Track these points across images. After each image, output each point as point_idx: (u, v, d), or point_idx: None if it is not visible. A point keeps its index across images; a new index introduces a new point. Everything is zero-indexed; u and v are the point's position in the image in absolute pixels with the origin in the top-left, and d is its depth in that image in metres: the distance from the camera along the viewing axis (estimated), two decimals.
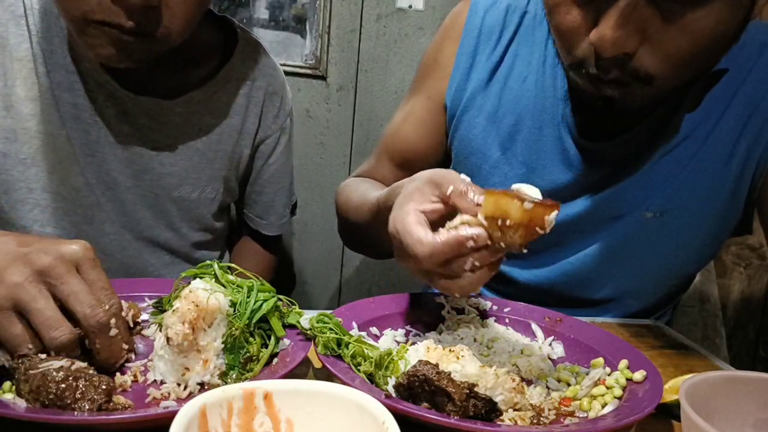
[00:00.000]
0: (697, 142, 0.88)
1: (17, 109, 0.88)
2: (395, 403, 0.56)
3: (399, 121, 1.08)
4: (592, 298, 0.99)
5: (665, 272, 0.98)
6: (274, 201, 1.13)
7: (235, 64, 1.02)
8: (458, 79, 0.99)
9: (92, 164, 0.93)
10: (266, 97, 1.05)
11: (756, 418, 0.54)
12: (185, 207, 1.02)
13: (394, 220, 0.68)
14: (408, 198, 0.69)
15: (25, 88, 0.88)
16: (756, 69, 0.87)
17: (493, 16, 0.98)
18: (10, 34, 0.88)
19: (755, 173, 0.89)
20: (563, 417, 0.65)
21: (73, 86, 0.90)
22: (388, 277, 2.08)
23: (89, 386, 0.54)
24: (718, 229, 0.94)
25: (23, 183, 0.91)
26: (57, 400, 0.53)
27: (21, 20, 0.88)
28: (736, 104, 0.87)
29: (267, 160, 1.10)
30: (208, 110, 0.99)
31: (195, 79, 0.98)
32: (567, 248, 0.96)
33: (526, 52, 0.96)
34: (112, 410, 0.54)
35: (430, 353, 0.69)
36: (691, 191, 0.90)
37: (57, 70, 0.89)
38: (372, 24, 1.92)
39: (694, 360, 0.84)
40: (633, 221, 0.92)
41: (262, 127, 1.06)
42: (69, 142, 0.91)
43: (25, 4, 0.88)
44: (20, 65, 0.88)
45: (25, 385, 0.55)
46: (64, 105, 0.90)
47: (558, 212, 0.60)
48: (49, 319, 0.58)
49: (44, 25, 0.88)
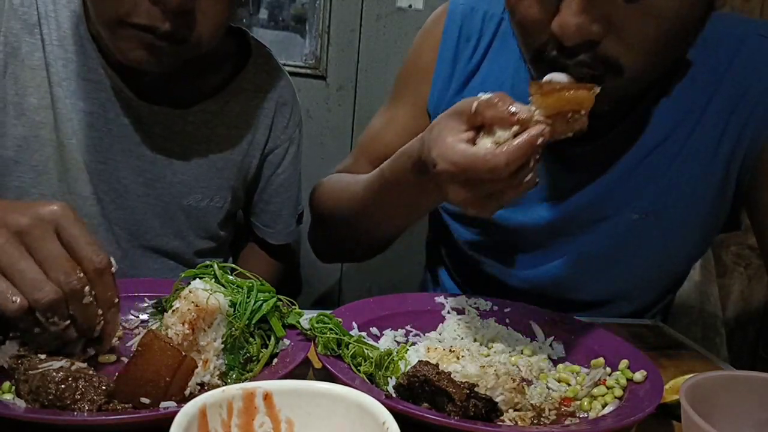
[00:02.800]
0: (679, 142, 0.88)
1: (29, 117, 0.89)
2: (395, 403, 0.56)
3: (380, 126, 1.07)
4: (582, 301, 0.98)
5: (655, 272, 0.97)
6: (282, 210, 1.13)
7: (248, 75, 1.02)
8: (439, 85, 1.00)
9: (103, 172, 0.94)
10: (277, 108, 1.06)
11: (756, 418, 0.54)
12: (193, 215, 1.02)
13: (443, 157, 0.66)
14: (441, 135, 0.68)
15: (38, 96, 0.89)
16: (734, 64, 0.86)
17: (470, 23, 0.98)
18: (22, 42, 0.88)
19: (741, 170, 0.88)
20: (563, 417, 0.65)
21: (87, 95, 0.90)
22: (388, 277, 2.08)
23: (89, 386, 0.54)
24: (706, 227, 0.94)
25: (35, 189, 0.92)
26: (57, 401, 0.53)
27: (35, 29, 0.88)
28: (716, 101, 0.86)
29: (275, 170, 1.10)
30: (220, 120, 1.00)
31: (208, 89, 0.99)
32: (553, 251, 0.96)
33: (503, 59, 0.96)
34: (112, 410, 0.54)
35: (430, 353, 0.69)
36: (676, 191, 0.89)
37: (71, 78, 0.89)
38: (372, 24, 1.92)
39: (695, 360, 0.84)
40: (619, 223, 0.92)
41: (271, 138, 1.07)
42: (80, 150, 0.91)
43: (39, 13, 0.88)
44: (33, 74, 0.88)
45: (24, 386, 0.55)
46: (77, 113, 0.90)
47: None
48: (32, 280, 0.56)
49: (60, 33, 0.89)
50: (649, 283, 0.99)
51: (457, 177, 0.66)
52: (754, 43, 0.86)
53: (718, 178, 0.89)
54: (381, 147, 1.05)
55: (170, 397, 0.57)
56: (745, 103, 0.86)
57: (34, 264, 0.57)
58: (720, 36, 0.86)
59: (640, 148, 0.88)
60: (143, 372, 0.56)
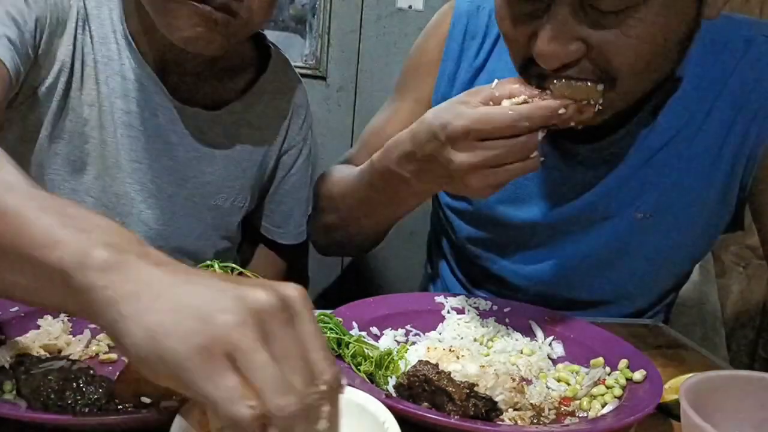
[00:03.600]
0: (685, 142, 0.88)
1: (77, 112, 0.90)
2: (395, 402, 0.57)
3: (383, 121, 1.08)
4: (584, 300, 0.98)
5: (658, 272, 0.97)
6: (293, 211, 1.14)
7: (269, 78, 1.05)
8: (444, 82, 1.00)
9: (137, 171, 0.94)
10: (293, 110, 1.08)
11: (756, 417, 0.54)
12: (218, 215, 1.04)
13: (461, 115, 0.70)
14: (456, 102, 0.72)
15: (86, 91, 0.90)
16: (741, 65, 0.86)
17: (476, 21, 0.99)
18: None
19: (745, 171, 0.89)
20: (563, 416, 0.65)
21: (127, 94, 0.91)
22: (388, 277, 2.08)
23: (90, 386, 0.54)
24: (709, 228, 0.94)
25: (68, 184, 0.92)
26: (58, 400, 0.53)
27: (82, 23, 0.89)
28: (722, 102, 0.87)
29: (289, 171, 1.11)
30: (245, 121, 1.02)
31: (233, 91, 1.01)
32: (556, 250, 0.96)
33: (508, 57, 0.96)
34: (112, 410, 0.54)
35: (430, 353, 0.69)
36: (680, 191, 0.90)
37: (113, 76, 0.91)
38: (372, 24, 1.92)
39: (694, 360, 0.84)
40: (624, 222, 0.92)
41: (287, 139, 1.09)
42: (118, 149, 0.92)
43: (86, 8, 0.88)
44: (83, 68, 0.89)
45: (25, 385, 0.55)
46: (117, 112, 0.91)
47: None
48: (276, 378, 0.39)
49: (102, 32, 0.90)
50: (652, 283, 0.99)
51: (472, 133, 0.69)
52: (760, 44, 0.86)
53: (722, 178, 0.89)
54: (382, 140, 1.05)
55: (171, 396, 0.57)
56: (750, 104, 0.86)
57: (272, 360, 0.40)
58: (727, 38, 0.86)
59: (646, 148, 0.88)
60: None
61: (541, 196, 0.94)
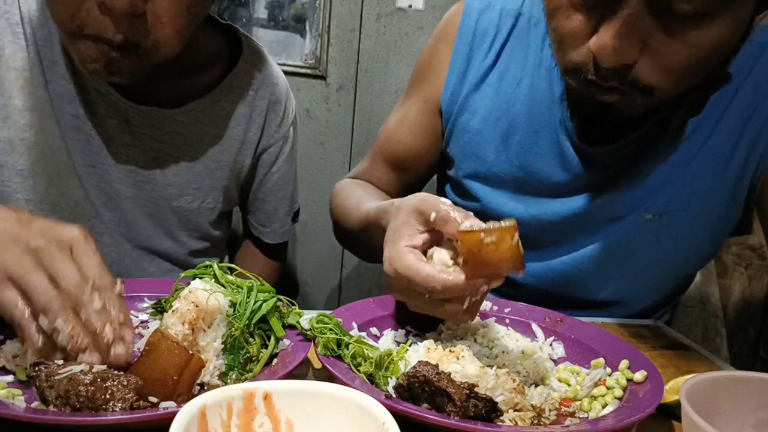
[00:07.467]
0: (697, 144, 0.88)
1: (14, 120, 0.87)
2: (395, 403, 0.56)
3: (394, 123, 1.08)
4: (591, 300, 0.98)
5: (665, 273, 0.97)
6: (277, 209, 1.13)
7: (239, 73, 1.01)
8: (453, 81, 1.00)
9: (93, 175, 0.93)
10: (269, 107, 1.05)
11: (756, 418, 0.54)
12: (185, 217, 1.01)
13: (390, 261, 0.69)
14: (397, 235, 0.70)
15: (23, 98, 0.87)
16: (755, 70, 0.87)
17: (486, 19, 0.98)
18: (5, 42, 0.86)
19: (755, 174, 0.89)
20: (564, 417, 0.65)
21: (74, 97, 0.89)
22: None
23: (118, 386, 0.54)
24: (717, 229, 0.94)
25: (20, 194, 0.90)
26: (88, 402, 0.53)
27: (17, 28, 0.86)
28: (735, 105, 0.87)
29: (270, 169, 1.09)
30: (210, 120, 0.98)
31: (198, 88, 0.97)
32: (565, 249, 0.96)
33: (521, 55, 0.96)
34: (143, 408, 0.54)
35: (430, 354, 0.69)
36: (690, 193, 0.90)
37: (57, 80, 0.88)
38: (372, 24, 1.92)
39: (695, 360, 0.84)
40: (632, 223, 0.92)
41: (264, 137, 1.06)
42: (69, 153, 0.90)
43: (21, 12, 0.86)
44: (17, 74, 0.86)
45: (50, 391, 0.54)
46: (64, 116, 0.89)
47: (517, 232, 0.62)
48: (41, 289, 0.58)
49: (44, 33, 0.87)
50: (659, 284, 0.99)
51: (393, 281, 0.70)
52: None
53: (731, 181, 0.89)
54: (395, 144, 1.06)
55: (178, 395, 0.57)
56: (762, 108, 0.87)
57: (45, 276, 0.59)
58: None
59: (659, 151, 0.88)
60: (151, 371, 0.56)
61: (553, 194, 0.94)
